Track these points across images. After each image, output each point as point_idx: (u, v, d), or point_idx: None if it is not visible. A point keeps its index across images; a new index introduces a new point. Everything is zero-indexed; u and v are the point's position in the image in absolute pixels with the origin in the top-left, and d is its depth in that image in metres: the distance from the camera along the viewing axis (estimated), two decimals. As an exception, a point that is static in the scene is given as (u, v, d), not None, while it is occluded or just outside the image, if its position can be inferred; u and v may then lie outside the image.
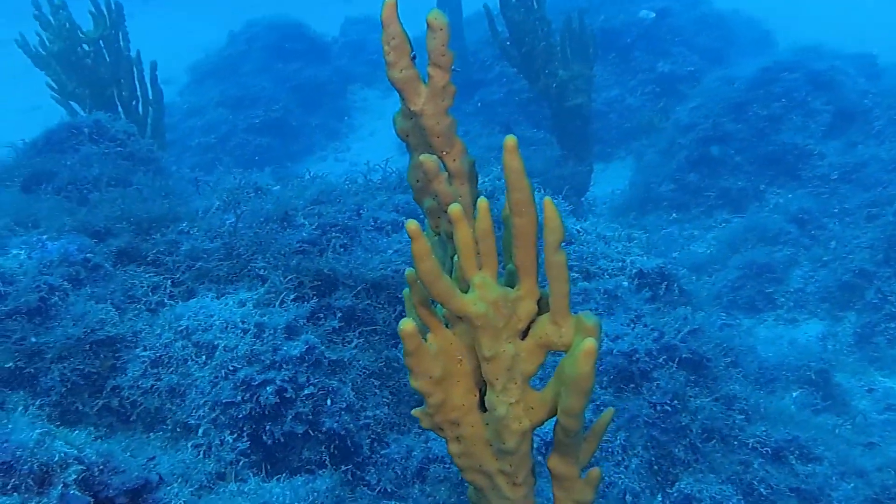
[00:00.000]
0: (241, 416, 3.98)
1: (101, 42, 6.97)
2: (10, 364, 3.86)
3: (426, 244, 2.16)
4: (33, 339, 3.92)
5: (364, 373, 4.41)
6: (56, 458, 2.71)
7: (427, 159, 2.37)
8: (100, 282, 4.31)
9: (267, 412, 4.01)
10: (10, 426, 2.76)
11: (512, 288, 2.31)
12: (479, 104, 11.19)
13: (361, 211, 5.10)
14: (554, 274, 2.19)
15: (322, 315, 4.49)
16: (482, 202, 2.20)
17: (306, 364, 4.16)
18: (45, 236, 4.35)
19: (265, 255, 4.61)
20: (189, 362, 4.13)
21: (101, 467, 2.89)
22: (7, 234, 4.41)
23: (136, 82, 7.22)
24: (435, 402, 2.28)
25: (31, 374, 3.91)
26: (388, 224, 5.05)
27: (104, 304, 4.19)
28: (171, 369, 4.13)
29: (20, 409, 3.41)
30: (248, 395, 4.02)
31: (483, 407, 2.31)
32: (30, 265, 4.10)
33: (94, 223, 4.60)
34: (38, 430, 2.73)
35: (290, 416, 4.06)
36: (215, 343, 4.14)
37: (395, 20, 2.16)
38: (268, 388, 4.02)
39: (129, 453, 2.99)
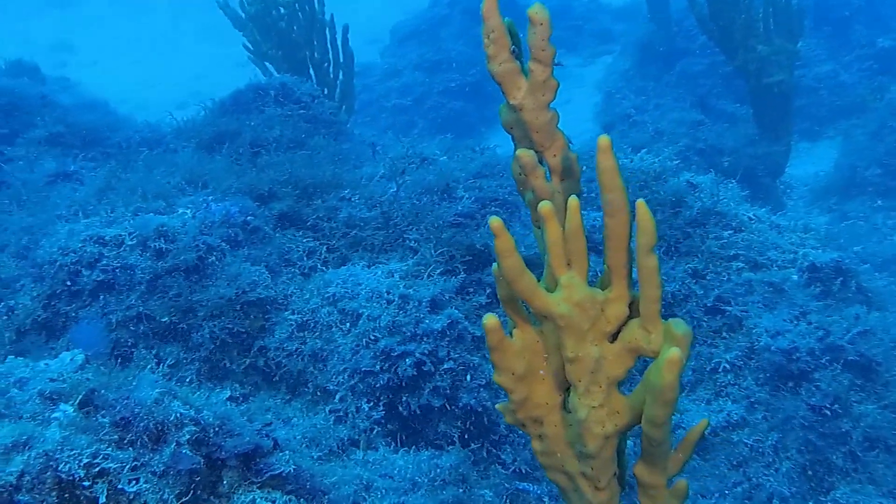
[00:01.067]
0: (378, 385, 4.04)
1: (295, 5, 7.18)
2: (166, 318, 4.08)
3: (510, 241, 2.13)
4: (189, 297, 4.12)
5: (508, 350, 4.37)
6: (172, 418, 2.82)
7: (523, 154, 2.35)
8: (257, 244, 4.47)
9: (405, 384, 4.05)
10: (134, 383, 2.90)
11: (605, 289, 2.25)
12: (679, 75, 10.80)
13: (523, 186, 5.04)
14: (645, 278, 2.10)
15: (471, 290, 4.49)
16: (572, 201, 2.15)
17: (448, 339, 4.17)
18: (210, 197, 4.55)
19: (420, 227, 4.65)
20: (333, 329, 4.23)
21: (216, 429, 3.00)
22: (177, 193, 4.64)
23: (329, 45, 7.41)
24: (517, 398, 2.25)
25: (185, 329, 4.12)
26: (549, 201, 4.98)
27: (259, 266, 4.34)
28: (316, 334, 4.24)
29: (149, 367, 3.59)
30: (387, 365, 4.07)
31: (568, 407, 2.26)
32: (192, 225, 4.30)
33: (260, 186, 4.77)
34: (157, 390, 2.86)
35: (428, 390, 4.09)
36: (360, 311, 4.22)
37: (495, 13, 2.16)
38: (407, 360, 4.06)
39: (246, 417, 3.08)
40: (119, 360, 4.09)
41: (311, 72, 7.39)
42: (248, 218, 4.50)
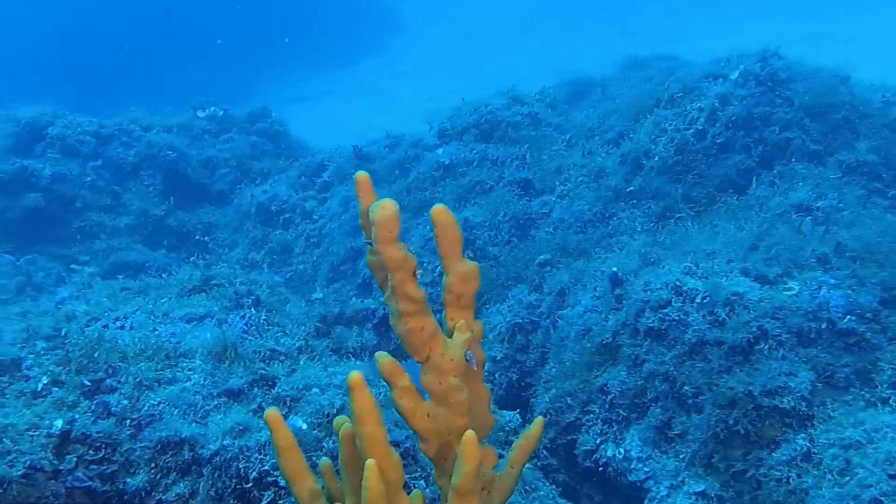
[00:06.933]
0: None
1: None
2: (688, 388, 4.12)
3: (287, 434, 2.26)
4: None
5: None
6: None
7: (380, 359, 2.18)
8: (837, 351, 4.00)
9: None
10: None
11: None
12: None
13: None
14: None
15: None
16: (370, 464, 1.99)
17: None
18: (833, 280, 4.18)
19: None
20: (827, 476, 3.69)
21: None
22: (814, 264, 4.35)
23: None
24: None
25: (696, 406, 4.09)
26: None
27: (808, 372, 3.95)
28: (816, 475, 3.75)
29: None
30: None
31: None
32: (772, 304, 4.11)
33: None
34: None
35: None
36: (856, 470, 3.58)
37: (369, 192, 2.19)
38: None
39: None
40: (632, 411, 4.34)
41: None
42: (846, 317, 4.02)
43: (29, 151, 8.22)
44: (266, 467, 3.23)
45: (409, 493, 2.19)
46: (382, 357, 2.12)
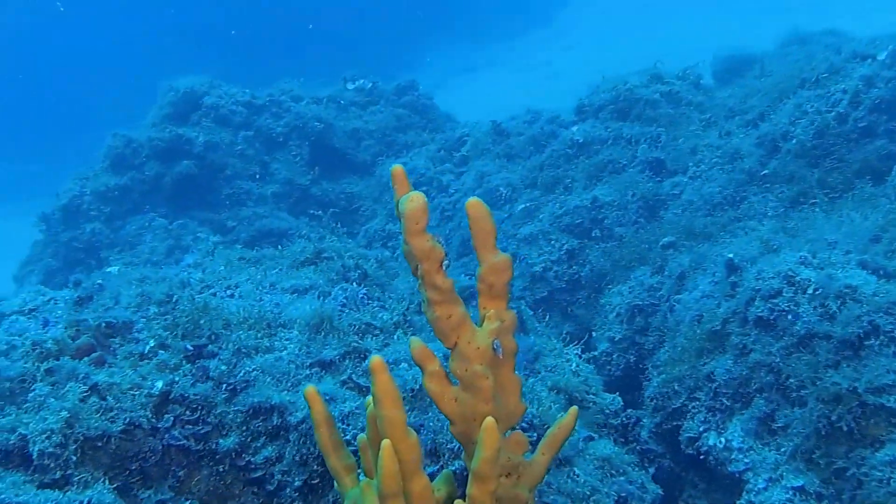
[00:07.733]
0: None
1: None
2: (793, 380, 4.05)
3: (322, 410, 2.43)
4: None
5: None
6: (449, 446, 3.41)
7: (414, 346, 2.28)
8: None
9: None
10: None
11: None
12: None
13: None
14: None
15: None
16: (385, 445, 2.11)
17: None
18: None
19: None
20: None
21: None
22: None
23: None
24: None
25: (801, 399, 4.03)
26: None
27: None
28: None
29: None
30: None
31: None
32: (895, 297, 3.99)
33: None
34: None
35: None
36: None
37: (404, 184, 2.29)
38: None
39: None
40: (736, 401, 4.29)
41: None
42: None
43: (185, 120, 8.75)
44: (347, 437, 3.38)
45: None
46: (415, 342, 2.22)
